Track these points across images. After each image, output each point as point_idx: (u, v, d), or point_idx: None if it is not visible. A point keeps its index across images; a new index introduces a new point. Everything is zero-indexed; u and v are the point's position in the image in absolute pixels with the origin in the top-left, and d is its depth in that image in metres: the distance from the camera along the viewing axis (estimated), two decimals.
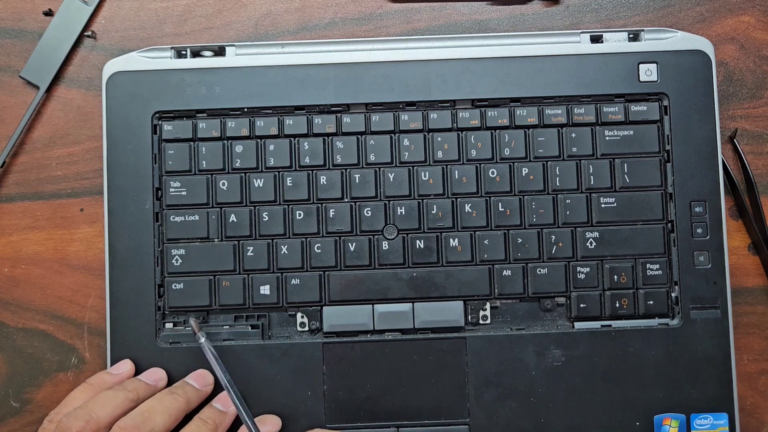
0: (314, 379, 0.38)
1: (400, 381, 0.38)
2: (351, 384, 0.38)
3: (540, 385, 0.38)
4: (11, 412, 0.40)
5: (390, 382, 0.38)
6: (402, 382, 0.38)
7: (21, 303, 0.41)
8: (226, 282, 0.38)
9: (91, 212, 0.41)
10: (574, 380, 0.38)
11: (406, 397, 0.38)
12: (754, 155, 0.42)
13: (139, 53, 0.39)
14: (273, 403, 0.38)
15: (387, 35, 0.42)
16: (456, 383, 0.38)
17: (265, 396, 0.38)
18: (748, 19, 0.42)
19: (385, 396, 0.38)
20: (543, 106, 0.39)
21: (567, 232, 0.39)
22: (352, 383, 0.38)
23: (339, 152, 0.39)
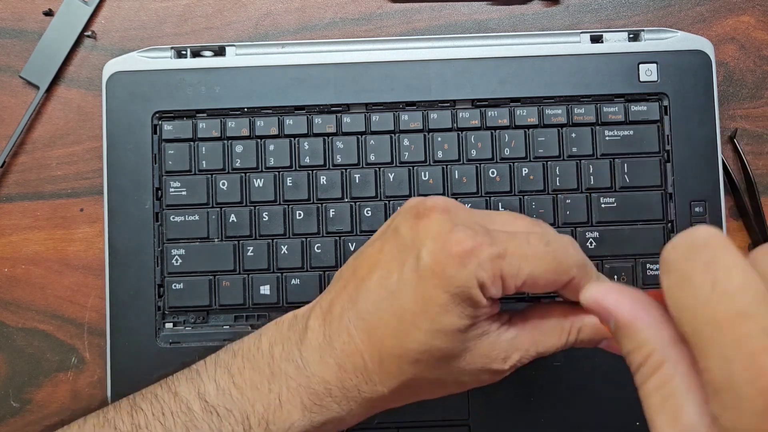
0: None
1: None
2: None
3: (540, 384, 0.38)
4: (11, 412, 0.40)
5: None
6: None
7: (21, 303, 0.41)
8: (226, 282, 0.38)
9: (91, 212, 0.41)
10: (575, 380, 0.38)
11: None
12: (754, 155, 0.42)
13: (139, 53, 0.39)
14: None
15: (387, 35, 0.42)
16: None
17: None
18: (748, 19, 0.42)
19: None
20: (543, 106, 0.39)
21: (567, 232, 0.39)
22: None
23: (339, 152, 0.39)
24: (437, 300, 0.25)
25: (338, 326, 0.27)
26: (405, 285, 0.26)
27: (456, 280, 0.25)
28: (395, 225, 0.28)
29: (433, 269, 0.25)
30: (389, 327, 0.26)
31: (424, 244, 0.26)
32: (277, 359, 0.28)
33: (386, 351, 0.26)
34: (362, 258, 0.28)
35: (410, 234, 0.27)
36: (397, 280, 0.26)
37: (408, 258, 0.26)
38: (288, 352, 0.28)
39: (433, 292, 0.25)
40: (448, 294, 0.25)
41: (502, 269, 0.25)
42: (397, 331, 0.26)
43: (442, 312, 0.25)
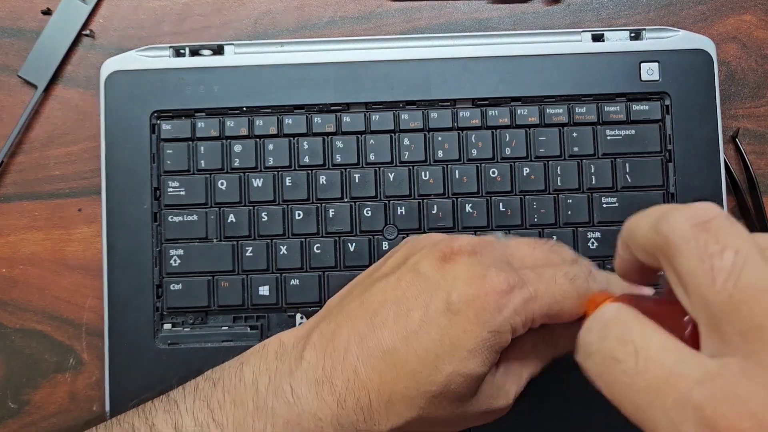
0: None
1: None
2: None
3: (541, 385, 0.38)
4: (9, 413, 0.40)
5: None
6: None
7: (19, 303, 0.41)
8: (224, 282, 0.38)
9: (89, 212, 0.41)
10: (577, 382, 0.37)
11: None
12: (756, 155, 0.41)
13: (137, 52, 0.39)
14: None
15: (387, 34, 0.42)
16: None
17: None
18: (750, 18, 0.42)
19: None
20: (544, 106, 0.39)
21: (568, 232, 0.38)
22: None
23: (339, 152, 0.39)
24: (467, 344, 0.25)
25: (342, 362, 0.25)
26: (430, 326, 0.25)
27: (490, 325, 0.25)
28: (415, 263, 0.27)
29: (467, 312, 0.25)
30: (406, 368, 0.25)
31: (454, 286, 0.25)
32: (263, 393, 0.26)
33: (399, 392, 0.25)
34: (373, 292, 0.27)
35: (436, 275, 0.26)
36: (421, 320, 0.25)
37: (434, 299, 0.25)
38: (276, 385, 0.26)
39: (463, 336, 0.25)
40: (480, 339, 0.25)
41: (534, 311, 0.25)
42: (416, 372, 0.25)
43: (469, 357, 0.25)
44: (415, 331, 0.25)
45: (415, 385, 0.25)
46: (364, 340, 0.25)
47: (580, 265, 0.27)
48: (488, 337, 0.25)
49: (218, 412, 0.26)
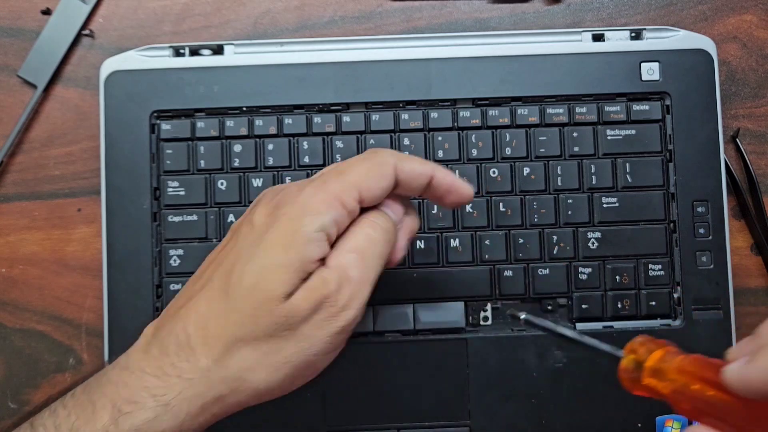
0: (313, 381, 0.37)
1: (401, 382, 0.38)
2: (351, 385, 0.37)
3: (541, 386, 0.38)
4: (9, 413, 0.40)
5: (390, 383, 0.38)
6: (402, 383, 0.38)
7: (18, 303, 0.41)
8: None
9: (88, 212, 0.41)
10: (576, 381, 0.38)
11: (407, 399, 0.37)
12: (756, 155, 0.41)
13: (137, 52, 0.39)
14: (271, 404, 0.37)
15: (387, 34, 0.42)
16: (457, 384, 0.38)
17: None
18: (750, 18, 0.42)
19: (385, 397, 0.37)
20: (544, 105, 0.39)
21: (568, 232, 0.38)
22: (352, 385, 0.37)
23: (339, 151, 0.39)
24: (306, 230, 0.26)
25: (172, 320, 0.27)
26: (267, 237, 0.26)
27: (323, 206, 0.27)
28: (249, 217, 0.29)
29: (289, 215, 0.27)
30: (246, 289, 0.26)
31: (282, 207, 0.27)
32: (107, 371, 0.28)
33: (214, 319, 0.27)
34: (213, 252, 0.30)
35: (264, 219, 0.28)
36: (259, 235, 0.27)
37: (259, 222, 0.27)
38: (117, 361, 0.28)
39: (300, 226, 0.26)
40: (319, 222, 0.26)
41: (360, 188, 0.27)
42: (258, 284, 0.26)
43: (308, 242, 0.26)
44: (254, 245, 0.27)
45: (224, 305, 0.26)
46: (189, 295, 0.28)
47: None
48: (326, 219, 0.27)
49: (70, 399, 0.27)
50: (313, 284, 0.26)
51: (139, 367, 0.27)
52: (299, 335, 0.26)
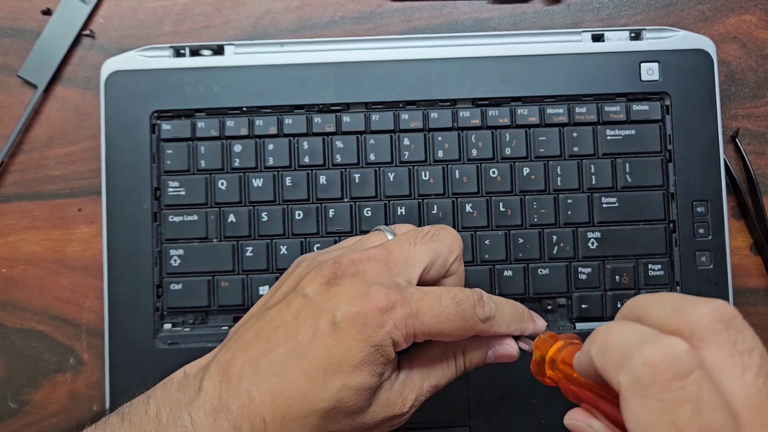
0: None
1: None
2: None
3: (541, 386, 0.37)
4: (9, 413, 0.40)
5: None
6: None
7: (19, 304, 0.41)
8: (224, 282, 0.38)
9: (89, 212, 0.41)
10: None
11: None
12: (756, 155, 0.41)
13: (137, 52, 0.39)
14: None
15: (387, 34, 0.42)
16: (457, 385, 0.38)
17: None
18: (750, 18, 0.42)
19: None
20: (544, 106, 0.39)
21: (568, 232, 0.38)
22: None
23: (339, 152, 0.39)
24: (352, 359, 0.26)
25: (237, 389, 0.26)
26: (317, 346, 0.26)
27: (372, 340, 0.26)
28: (302, 287, 0.28)
29: (350, 330, 0.26)
30: (297, 388, 0.26)
31: (338, 307, 0.26)
32: (164, 424, 0.26)
33: (292, 413, 0.26)
34: (266, 320, 0.28)
35: (321, 298, 0.27)
36: (309, 341, 0.26)
37: (321, 321, 0.26)
38: (176, 416, 0.26)
39: (348, 352, 0.26)
40: (364, 354, 0.26)
41: (415, 328, 0.27)
42: (306, 392, 0.26)
43: (355, 371, 0.26)
44: (304, 353, 0.26)
45: (306, 404, 0.26)
46: (257, 367, 0.26)
47: (469, 290, 0.29)
48: (372, 351, 0.26)
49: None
50: (390, 403, 0.28)
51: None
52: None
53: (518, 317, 0.30)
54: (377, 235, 0.32)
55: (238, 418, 0.26)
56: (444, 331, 0.27)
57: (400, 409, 0.28)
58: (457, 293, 0.28)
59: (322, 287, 0.27)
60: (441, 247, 0.30)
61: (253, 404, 0.26)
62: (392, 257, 0.29)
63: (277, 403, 0.26)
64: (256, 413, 0.26)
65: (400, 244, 0.29)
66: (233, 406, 0.26)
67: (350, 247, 0.31)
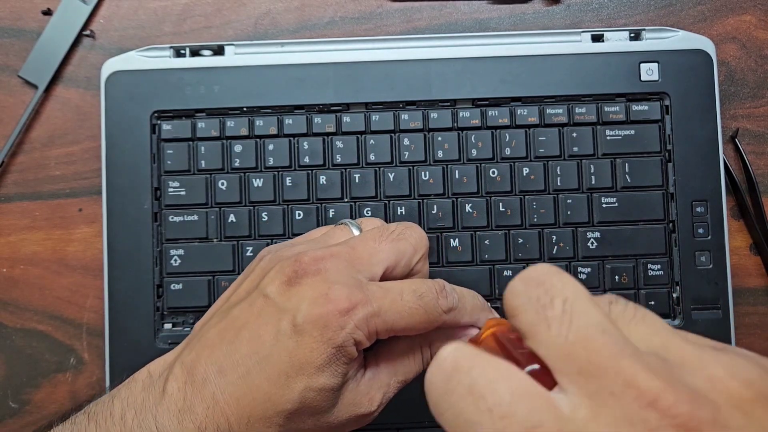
0: None
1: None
2: None
3: None
4: (10, 412, 0.40)
5: None
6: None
7: (19, 303, 0.41)
8: (225, 282, 0.38)
9: (89, 212, 0.41)
10: None
11: (407, 400, 0.37)
12: (755, 155, 0.42)
13: (137, 52, 0.39)
14: None
15: (387, 34, 0.42)
16: None
17: None
18: (749, 18, 0.42)
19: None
20: (544, 106, 0.39)
21: (568, 232, 0.38)
22: None
23: (339, 152, 0.39)
24: (314, 361, 0.26)
25: (201, 391, 0.26)
26: (279, 348, 0.26)
27: (333, 341, 0.26)
28: (263, 287, 0.28)
29: (311, 332, 0.26)
30: (261, 391, 0.26)
31: (299, 308, 0.26)
32: (129, 426, 0.26)
33: (256, 414, 0.26)
34: (228, 320, 0.28)
35: (282, 299, 0.27)
36: (271, 344, 0.26)
37: (282, 322, 0.26)
38: (141, 418, 0.26)
39: (310, 354, 0.26)
40: (326, 355, 0.26)
41: (377, 326, 0.27)
42: (270, 394, 0.26)
43: (317, 372, 0.26)
44: (267, 356, 0.26)
45: (271, 406, 0.26)
46: (221, 369, 0.26)
47: (431, 282, 0.29)
48: (333, 353, 0.26)
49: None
50: (356, 402, 0.28)
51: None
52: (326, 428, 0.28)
53: (480, 306, 0.30)
54: (342, 230, 0.31)
55: (204, 420, 0.26)
56: (408, 326, 0.27)
57: (367, 408, 0.28)
58: (419, 286, 0.28)
59: (283, 287, 0.27)
60: (406, 246, 0.29)
61: (218, 406, 0.26)
62: (355, 254, 0.28)
63: (242, 405, 0.26)
64: (221, 415, 0.26)
65: (365, 242, 0.29)
66: (198, 408, 0.26)
67: (313, 242, 0.30)
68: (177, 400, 0.26)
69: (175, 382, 0.27)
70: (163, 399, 0.26)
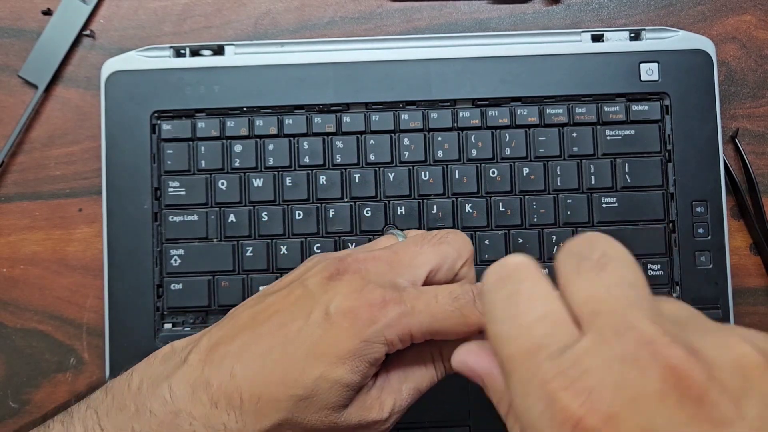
0: None
1: None
2: None
3: None
4: (10, 412, 0.40)
5: None
6: None
7: (19, 303, 0.41)
8: (225, 282, 0.38)
9: (89, 212, 0.41)
10: None
11: None
12: (755, 155, 0.42)
13: (137, 52, 0.39)
14: None
15: (387, 34, 0.42)
16: (457, 385, 0.38)
17: None
18: (749, 18, 0.42)
19: None
20: (544, 106, 0.39)
21: (568, 232, 0.38)
22: None
23: (339, 152, 0.39)
24: (337, 351, 0.26)
25: (220, 365, 0.26)
26: (306, 333, 0.26)
27: (362, 334, 0.26)
28: (304, 279, 0.28)
29: (341, 323, 0.26)
30: (277, 372, 0.26)
31: (333, 300, 0.26)
32: (144, 395, 0.26)
33: (267, 394, 0.26)
34: (264, 305, 0.28)
35: (320, 290, 0.27)
36: (299, 328, 0.26)
37: (315, 310, 0.26)
38: (156, 385, 0.27)
39: (335, 343, 0.26)
40: (352, 347, 0.26)
41: (411, 327, 0.26)
42: (285, 376, 0.26)
43: (338, 363, 0.26)
44: (291, 340, 0.26)
45: (283, 389, 0.26)
46: (245, 346, 0.27)
47: (468, 285, 0.28)
48: (360, 346, 0.26)
49: (105, 418, 0.27)
50: (367, 406, 0.27)
51: (189, 412, 0.26)
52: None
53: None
54: (389, 238, 0.31)
55: (217, 393, 0.26)
56: (442, 329, 0.27)
57: (378, 414, 0.28)
58: (455, 289, 0.27)
59: (323, 281, 0.27)
60: (449, 250, 0.29)
61: (234, 381, 0.26)
62: (397, 258, 0.28)
63: (256, 384, 0.26)
64: (235, 390, 0.26)
65: (407, 246, 0.29)
66: (214, 380, 0.26)
67: (360, 248, 0.31)
68: (195, 370, 0.26)
69: (197, 354, 0.27)
70: (181, 368, 0.27)
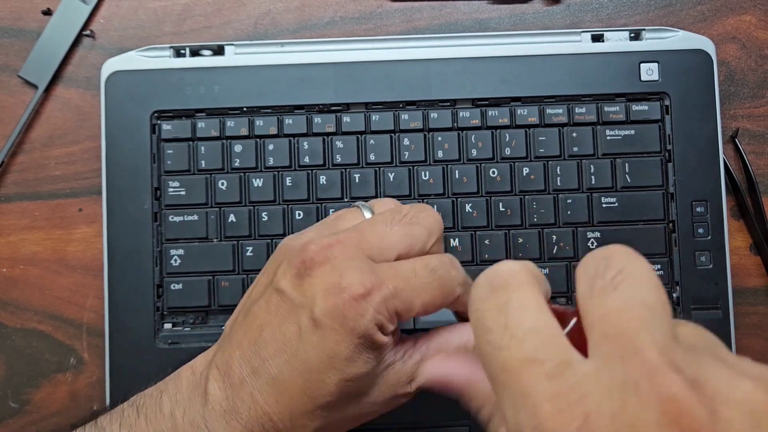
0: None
1: None
2: None
3: None
4: (10, 412, 0.40)
5: None
6: None
7: (19, 303, 0.41)
8: (225, 282, 0.38)
9: (89, 212, 0.41)
10: None
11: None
12: (755, 155, 0.42)
13: (137, 52, 0.39)
14: None
15: (387, 34, 0.42)
16: None
17: None
18: (749, 18, 0.42)
19: None
20: (544, 106, 0.39)
21: (568, 232, 0.38)
22: None
23: (339, 152, 0.39)
24: (342, 354, 0.25)
25: (241, 392, 0.26)
26: (305, 344, 0.26)
27: (357, 330, 0.25)
28: (276, 282, 0.27)
29: (332, 326, 0.25)
30: (296, 388, 0.26)
31: (314, 302, 0.26)
32: (180, 424, 0.27)
33: (297, 410, 0.26)
34: (250, 318, 0.27)
35: (296, 293, 0.26)
36: (296, 341, 0.26)
37: (301, 318, 0.26)
38: (192, 417, 0.27)
39: (336, 347, 0.25)
40: (352, 345, 0.26)
41: (396, 307, 0.26)
42: (305, 390, 0.26)
43: (348, 363, 0.26)
44: (294, 354, 0.26)
45: (309, 400, 0.26)
46: (254, 370, 0.26)
47: (440, 255, 0.28)
48: (359, 342, 0.26)
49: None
50: (396, 381, 0.28)
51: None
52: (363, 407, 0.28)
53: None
54: (353, 213, 0.30)
55: (249, 420, 0.26)
56: (426, 302, 0.27)
57: (405, 388, 0.28)
58: (430, 260, 0.27)
59: (294, 281, 0.27)
60: (419, 231, 0.28)
61: (258, 405, 0.26)
62: (364, 239, 0.27)
63: (281, 404, 0.26)
64: (263, 414, 0.26)
65: (374, 226, 0.28)
66: (241, 408, 0.26)
67: (322, 228, 0.30)
68: (220, 401, 0.26)
69: (215, 383, 0.27)
70: (207, 400, 0.27)
